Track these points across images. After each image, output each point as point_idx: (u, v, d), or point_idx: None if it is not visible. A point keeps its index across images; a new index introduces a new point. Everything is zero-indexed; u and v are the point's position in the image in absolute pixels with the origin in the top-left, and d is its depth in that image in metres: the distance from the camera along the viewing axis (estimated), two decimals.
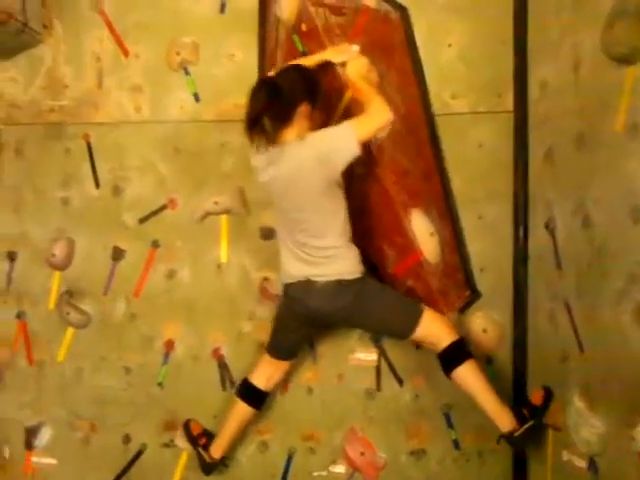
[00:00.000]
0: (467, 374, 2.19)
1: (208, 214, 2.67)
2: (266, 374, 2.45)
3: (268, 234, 2.64)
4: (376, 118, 2.15)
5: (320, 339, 2.58)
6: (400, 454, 2.53)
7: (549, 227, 2.25)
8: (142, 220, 2.71)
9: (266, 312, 2.62)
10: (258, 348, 2.61)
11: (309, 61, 2.36)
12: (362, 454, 2.53)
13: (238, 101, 2.61)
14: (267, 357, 2.45)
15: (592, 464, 1.94)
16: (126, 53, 2.73)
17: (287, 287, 2.31)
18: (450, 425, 2.51)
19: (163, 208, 2.70)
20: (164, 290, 2.69)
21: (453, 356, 2.21)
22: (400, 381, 2.54)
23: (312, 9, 2.47)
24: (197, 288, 2.67)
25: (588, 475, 1.95)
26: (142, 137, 2.72)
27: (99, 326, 2.73)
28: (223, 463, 2.55)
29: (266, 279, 2.64)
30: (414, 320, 2.22)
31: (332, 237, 2.19)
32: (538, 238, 2.33)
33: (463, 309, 2.48)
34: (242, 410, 2.46)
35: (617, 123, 1.83)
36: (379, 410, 2.55)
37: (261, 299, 2.63)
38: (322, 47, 2.45)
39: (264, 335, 2.59)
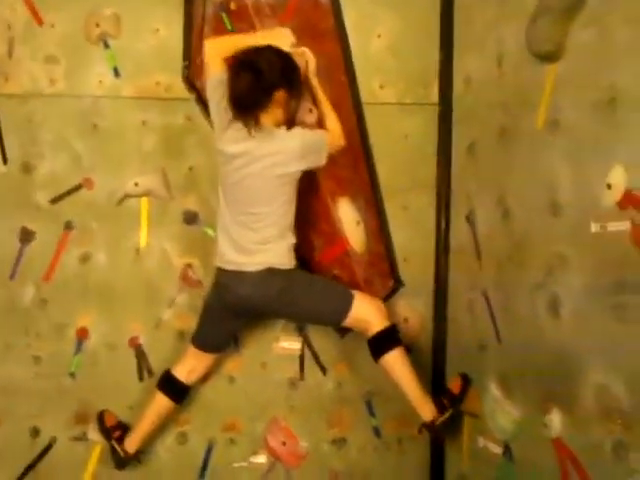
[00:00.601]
0: (395, 361, 2.21)
1: (127, 196, 2.55)
2: (189, 366, 2.38)
3: (191, 218, 2.55)
4: (337, 142, 2.29)
5: (243, 326, 2.53)
6: (322, 443, 2.53)
7: (470, 219, 2.30)
8: (54, 200, 2.54)
9: (187, 299, 2.54)
10: (178, 337, 2.53)
11: (245, 40, 2.27)
12: (284, 444, 2.51)
13: (161, 78, 2.55)
14: (191, 348, 2.37)
15: (507, 450, 2.01)
16: (40, 21, 2.54)
17: (219, 273, 2.25)
18: (371, 413, 2.53)
19: (78, 188, 2.55)
20: (78, 275, 2.54)
21: (383, 342, 2.22)
22: (323, 370, 2.54)
23: None
24: (114, 273, 2.54)
25: (503, 461, 2.02)
26: (56, 111, 2.54)
27: (5, 312, 2.53)
28: (137, 458, 2.45)
29: (189, 265, 2.55)
30: (345, 307, 2.22)
31: (275, 226, 2.18)
32: (459, 230, 2.38)
33: (386, 298, 2.49)
34: (161, 403, 2.38)
35: (538, 119, 1.89)
36: (302, 399, 2.53)
37: (182, 286, 2.54)
38: (252, 27, 2.39)
39: (185, 324, 2.52)
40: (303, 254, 2.45)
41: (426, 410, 2.20)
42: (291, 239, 2.23)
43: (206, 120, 2.53)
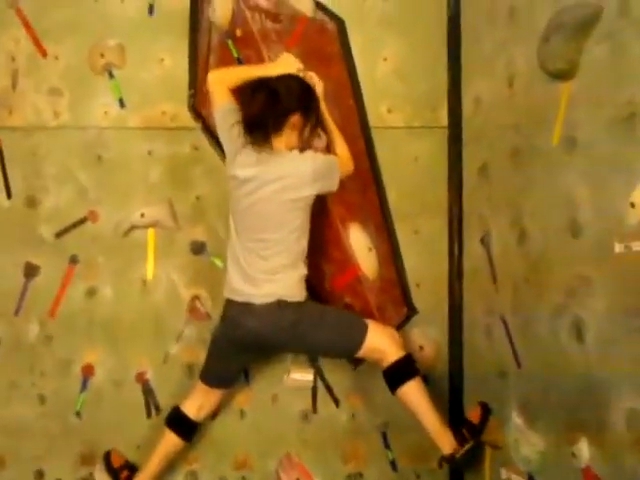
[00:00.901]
0: (413, 392, 2.13)
1: (134, 227, 2.50)
2: (198, 403, 2.30)
3: (199, 249, 2.50)
4: (346, 167, 2.26)
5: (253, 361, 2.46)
6: (337, 479, 2.43)
7: (484, 242, 2.24)
8: (59, 234, 2.50)
9: (195, 332, 2.47)
10: (186, 372, 2.46)
11: (250, 71, 2.26)
12: None
13: (166, 108, 2.53)
14: (200, 384, 2.30)
15: None
16: (44, 54, 2.53)
17: (227, 305, 2.19)
18: (387, 445, 2.44)
19: (83, 221, 2.51)
20: (83, 310, 2.48)
21: (399, 373, 2.14)
22: (337, 402, 2.46)
23: (248, 13, 2.39)
24: (120, 307, 2.48)
25: None
26: (61, 144, 2.52)
27: (9, 350, 2.47)
28: None
29: (196, 297, 2.49)
30: (359, 338, 2.15)
31: (285, 254, 2.12)
32: (473, 253, 2.33)
33: (400, 326, 2.43)
34: (170, 441, 2.30)
35: (553, 137, 1.85)
36: (315, 433, 2.45)
37: (190, 318, 2.48)
38: (258, 53, 2.37)
39: (193, 357, 2.46)
40: (314, 282, 2.39)
41: (445, 442, 2.12)
42: (302, 270, 2.17)
43: (213, 149, 2.51)
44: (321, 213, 2.38)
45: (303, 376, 2.44)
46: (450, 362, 2.42)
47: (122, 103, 2.54)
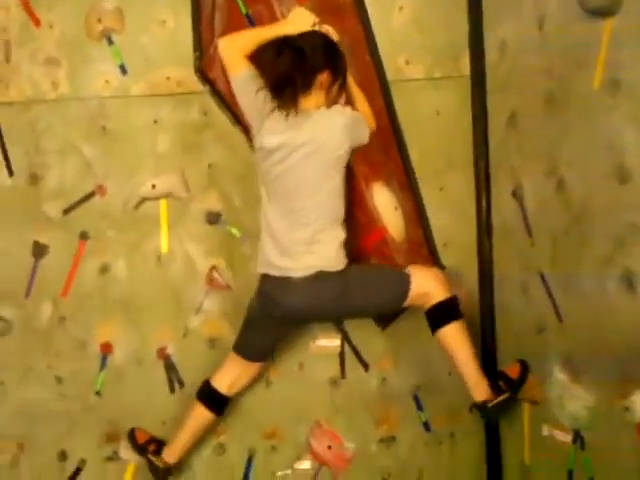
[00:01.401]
0: (455, 334, 2.09)
1: (145, 200, 2.40)
2: (231, 377, 2.23)
3: (214, 218, 2.41)
4: (369, 123, 2.14)
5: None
6: (369, 443, 2.39)
7: (516, 195, 2.16)
8: (67, 210, 2.39)
9: (216, 304, 2.40)
10: (208, 345, 2.40)
11: (264, 33, 2.14)
12: (329, 447, 2.37)
13: (171, 72, 2.41)
14: (233, 356, 2.22)
15: (578, 438, 1.87)
16: (37, 22, 2.38)
17: (263, 280, 2.10)
18: (419, 407, 2.40)
19: (91, 196, 2.40)
20: (97, 287, 2.39)
21: (443, 313, 2.10)
22: (366, 366, 2.40)
23: None
24: (135, 283, 2.39)
25: (574, 449, 1.89)
26: (61, 116, 2.39)
27: (22, 333, 2.38)
28: (175, 471, 2.31)
29: (214, 268, 2.40)
30: (404, 290, 2.09)
31: (322, 221, 2.02)
32: (504, 208, 2.24)
33: None
34: (201, 414, 2.23)
35: (594, 80, 1.75)
36: (345, 399, 2.39)
37: (209, 290, 2.40)
38: (270, 8, 2.24)
39: (214, 330, 2.40)
40: None
41: (481, 389, 2.08)
42: (342, 234, 2.06)
43: (223, 113, 2.39)
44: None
45: (330, 341, 2.38)
46: (482, 320, 2.35)
47: (124, 70, 2.40)
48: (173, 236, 2.40)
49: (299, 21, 2.14)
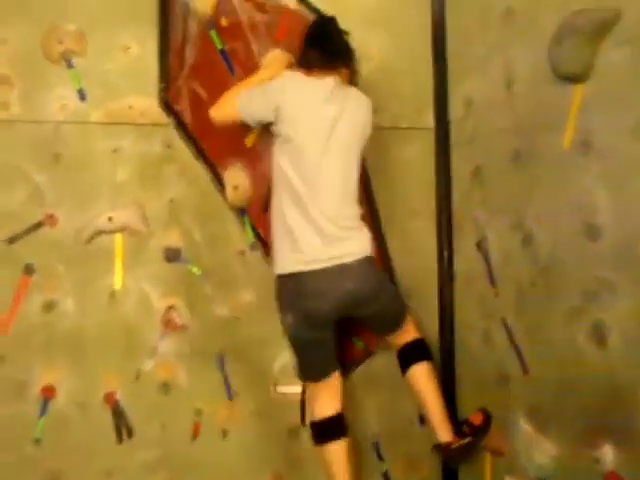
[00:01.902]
0: (425, 372, 2.14)
1: (100, 232, 2.27)
2: (326, 400, 2.11)
3: (173, 255, 2.31)
4: None
5: (235, 373, 2.30)
6: None
7: (481, 246, 2.21)
8: (11, 240, 2.22)
9: (171, 346, 2.27)
10: (162, 390, 2.26)
11: (251, 82, 2.12)
12: None
13: (133, 102, 2.32)
14: (313, 386, 2.13)
15: None
16: None
17: (301, 279, 1.95)
18: (380, 457, 2.35)
19: (39, 225, 2.24)
20: (41, 325, 2.21)
21: (416, 352, 2.15)
22: None
23: (236, 2, 2.22)
24: (84, 321, 2.24)
25: None
26: (11, 140, 2.24)
27: None
28: None
29: (171, 307, 2.29)
30: (405, 307, 2.20)
31: (357, 206, 2.06)
32: (467, 258, 2.29)
33: None
34: (338, 451, 2.07)
35: (564, 140, 1.84)
36: (304, 449, 2.31)
37: (165, 331, 2.28)
38: (247, 46, 2.22)
39: (169, 374, 2.26)
40: None
41: (445, 431, 2.09)
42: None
43: (187, 147, 2.33)
44: None
45: (290, 389, 2.31)
46: (442, 368, 2.36)
47: (82, 95, 2.30)
48: (128, 273, 2.28)
49: (277, 64, 2.13)
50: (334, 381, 2.13)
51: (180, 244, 2.31)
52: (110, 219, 2.26)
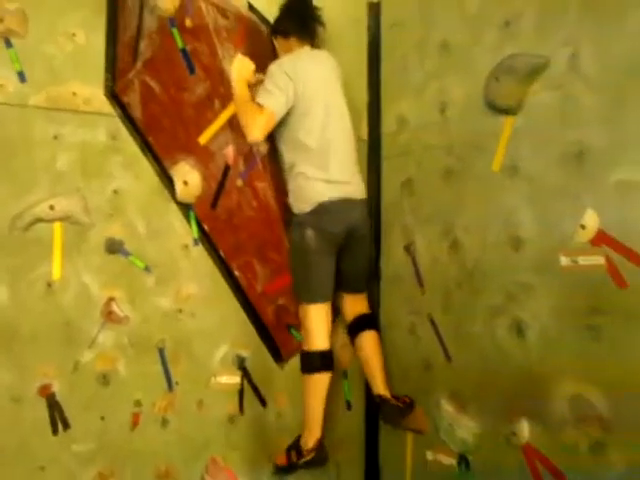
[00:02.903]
0: (374, 338, 2.44)
1: (39, 221, 2.20)
2: (326, 329, 2.35)
3: (116, 247, 2.30)
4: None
5: (176, 364, 2.34)
6: (262, 477, 2.45)
7: (409, 250, 2.47)
8: None
9: (111, 338, 2.27)
10: (100, 381, 2.24)
11: (237, 93, 2.30)
12: None
13: (77, 89, 2.28)
14: (317, 309, 2.33)
15: (463, 460, 2.19)
16: None
17: (324, 205, 2.29)
18: None
19: None
20: None
21: (367, 321, 2.48)
22: (263, 402, 2.47)
23: (202, 5, 2.26)
24: (19, 311, 2.16)
25: (458, 471, 2.20)
26: None
27: None
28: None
29: (112, 299, 2.28)
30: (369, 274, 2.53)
31: (355, 152, 2.44)
32: (395, 260, 2.53)
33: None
34: (322, 382, 2.32)
35: (494, 163, 2.14)
36: (242, 435, 2.42)
37: (105, 322, 2.27)
38: (212, 48, 2.27)
39: (108, 365, 2.26)
40: (244, 283, 2.39)
41: (385, 389, 2.38)
42: None
43: (133, 139, 2.33)
44: (261, 215, 2.38)
45: (230, 378, 2.40)
46: None
47: (22, 77, 2.21)
48: (67, 263, 2.23)
49: (242, 70, 2.26)
50: (329, 311, 2.39)
51: (122, 236, 2.31)
52: (52, 207, 2.20)
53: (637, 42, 1.79)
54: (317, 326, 2.33)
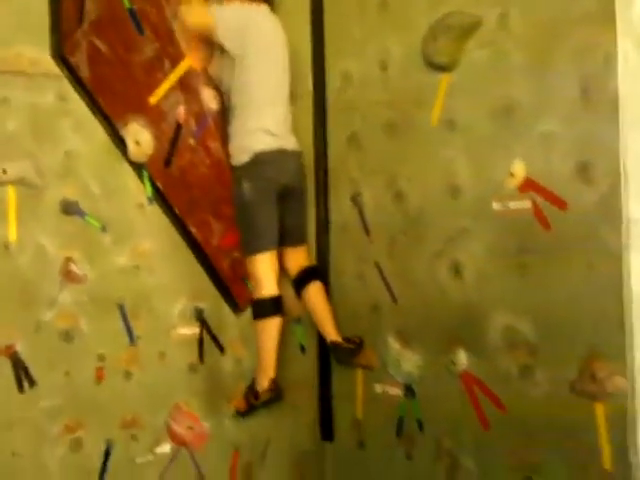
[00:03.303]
0: (320, 289, 2.60)
1: None
2: (273, 276, 2.49)
3: (70, 208, 2.34)
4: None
5: (136, 319, 2.44)
6: (223, 419, 2.60)
7: (355, 201, 2.61)
8: None
9: (71, 296, 2.33)
10: (63, 338, 2.31)
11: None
12: (190, 428, 2.51)
13: (23, 50, 2.27)
14: (264, 257, 2.46)
15: (409, 391, 2.41)
16: None
17: (260, 155, 2.42)
18: None
19: None
20: None
21: (312, 274, 2.62)
22: (222, 349, 2.60)
23: None
24: None
25: (405, 400, 2.43)
26: None
27: None
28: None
29: (69, 259, 2.33)
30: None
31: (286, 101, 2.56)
32: (343, 211, 2.66)
33: None
34: (274, 325, 2.47)
35: (432, 118, 2.30)
36: (203, 381, 2.56)
37: (64, 282, 2.32)
38: (159, 8, 2.29)
39: (69, 323, 2.33)
40: (200, 238, 2.49)
41: (335, 333, 2.54)
42: None
43: (82, 100, 2.34)
44: (213, 172, 2.47)
45: (189, 329, 2.52)
46: None
47: None
48: (23, 225, 2.26)
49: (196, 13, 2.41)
50: (275, 258, 2.52)
51: (77, 197, 2.35)
52: (4, 171, 2.21)
53: (560, 4, 1.96)
54: (264, 274, 2.46)
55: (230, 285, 2.57)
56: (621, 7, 1.85)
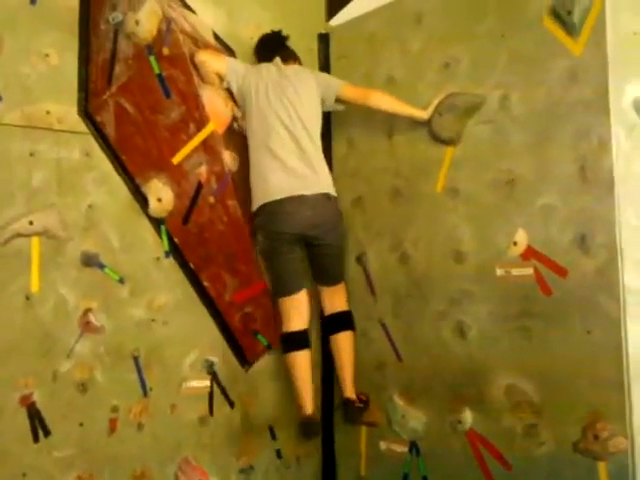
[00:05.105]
0: (350, 339, 2.65)
1: (18, 235, 2.27)
2: (299, 315, 2.56)
3: (91, 260, 2.41)
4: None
5: (149, 370, 2.49)
6: (230, 474, 2.63)
7: (361, 261, 2.74)
8: None
9: (89, 347, 2.38)
10: (79, 389, 2.34)
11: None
12: None
13: (51, 108, 2.39)
14: (286, 301, 2.55)
15: (413, 447, 2.49)
16: None
17: (266, 206, 2.47)
18: (274, 437, 2.74)
19: None
20: None
21: (344, 320, 2.68)
22: (231, 404, 2.65)
23: (180, 36, 2.42)
24: None
25: (409, 456, 2.50)
26: None
27: None
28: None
29: (88, 310, 2.39)
30: (344, 267, 2.73)
31: (316, 146, 2.57)
32: (349, 270, 2.77)
33: None
34: (304, 359, 2.54)
35: (437, 185, 2.46)
36: (212, 435, 2.59)
37: (82, 333, 2.37)
38: (188, 76, 2.43)
39: (86, 374, 2.37)
40: (213, 294, 2.57)
41: (353, 390, 2.61)
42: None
43: (107, 156, 2.45)
44: (231, 229, 2.57)
45: (200, 383, 2.58)
46: (323, 358, 2.84)
47: None
48: (45, 276, 2.32)
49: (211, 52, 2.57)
50: (301, 299, 2.59)
51: (97, 249, 2.42)
52: (31, 223, 2.29)
53: (556, 88, 2.16)
54: (290, 312, 2.56)
55: (240, 339, 2.64)
56: (614, 97, 2.06)
